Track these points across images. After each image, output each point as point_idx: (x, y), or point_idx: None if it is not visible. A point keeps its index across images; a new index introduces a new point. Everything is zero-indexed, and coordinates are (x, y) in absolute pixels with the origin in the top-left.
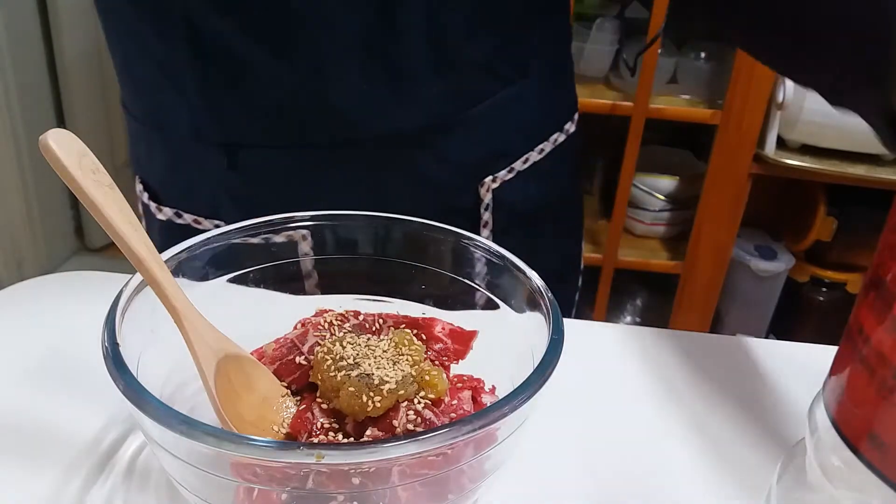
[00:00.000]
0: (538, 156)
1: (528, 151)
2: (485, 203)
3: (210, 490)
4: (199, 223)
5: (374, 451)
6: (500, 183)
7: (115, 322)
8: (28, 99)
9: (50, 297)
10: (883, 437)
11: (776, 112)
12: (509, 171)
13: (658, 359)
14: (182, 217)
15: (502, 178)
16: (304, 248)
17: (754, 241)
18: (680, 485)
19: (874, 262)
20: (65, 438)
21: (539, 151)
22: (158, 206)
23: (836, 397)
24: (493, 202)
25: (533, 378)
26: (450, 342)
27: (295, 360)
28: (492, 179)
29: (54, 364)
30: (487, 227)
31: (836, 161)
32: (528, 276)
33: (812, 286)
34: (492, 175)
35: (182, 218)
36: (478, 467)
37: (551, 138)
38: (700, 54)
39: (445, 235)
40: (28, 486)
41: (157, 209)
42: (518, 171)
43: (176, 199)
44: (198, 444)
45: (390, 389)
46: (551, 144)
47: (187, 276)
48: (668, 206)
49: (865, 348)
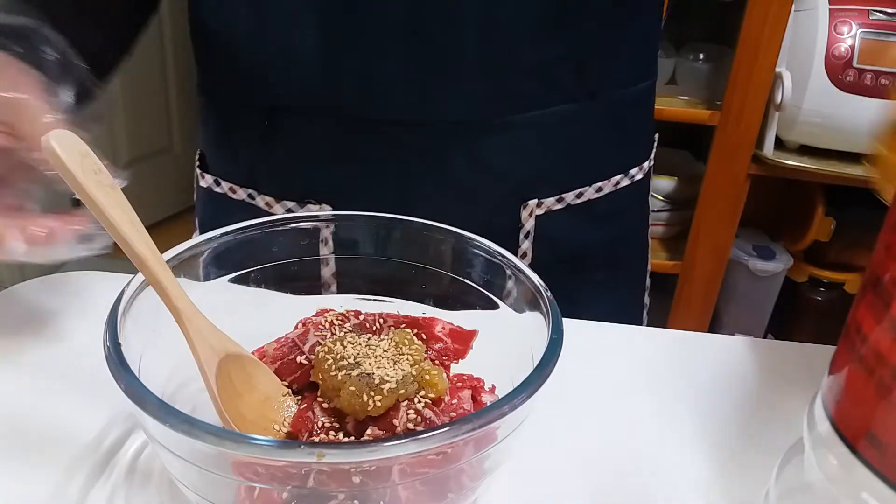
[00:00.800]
0: (595, 194)
1: (584, 186)
2: (525, 229)
3: (211, 489)
4: (234, 191)
5: (375, 450)
6: (545, 211)
7: (117, 322)
8: None
9: (52, 297)
10: (881, 436)
11: (774, 113)
12: (558, 201)
13: (657, 358)
14: (220, 185)
15: (549, 207)
16: (306, 248)
17: (753, 241)
18: (679, 484)
19: (872, 261)
20: (66, 438)
21: (597, 190)
22: (202, 173)
23: (834, 397)
24: (535, 232)
25: (532, 377)
26: (450, 342)
27: (296, 360)
28: (536, 204)
29: (56, 364)
30: (526, 258)
31: (834, 161)
32: (527, 276)
33: (810, 286)
34: (537, 199)
35: (220, 186)
36: (477, 466)
37: (613, 179)
38: (699, 55)
39: (445, 235)
40: (29, 486)
41: (201, 176)
42: (570, 204)
43: (219, 166)
44: (199, 443)
45: (391, 389)
46: (612, 186)
47: (189, 276)
48: (666, 206)
49: (863, 348)
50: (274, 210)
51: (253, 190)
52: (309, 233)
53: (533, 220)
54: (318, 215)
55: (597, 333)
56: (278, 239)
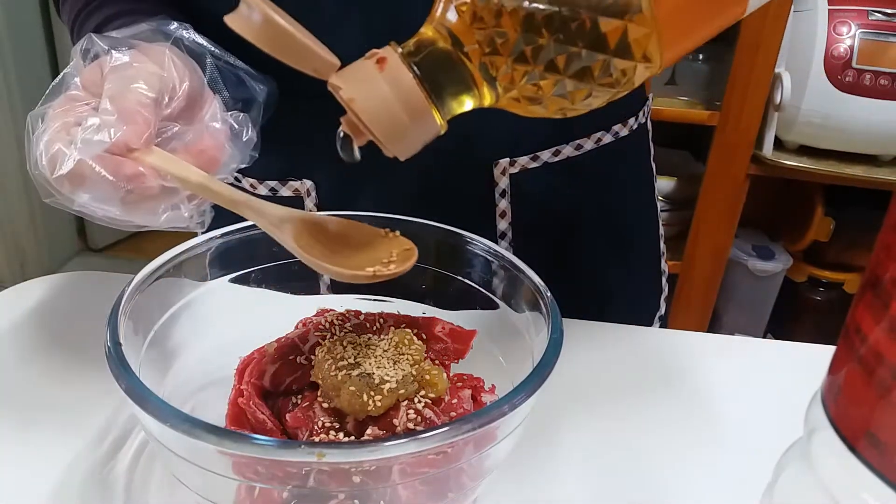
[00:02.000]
0: (575, 151)
1: (561, 144)
2: (500, 188)
3: (212, 488)
4: None
5: (375, 450)
6: (520, 169)
7: (118, 322)
8: (30, 100)
9: (52, 296)
10: (881, 436)
11: (774, 113)
12: (533, 160)
13: (657, 358)
14: None
15: (524, 165)
16: None
17: (752, 241)
18: (678, 484)
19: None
20: (67, 437)
21: (576, 147)
22: None
23: (833, 397)
24: (511, 190)
25: (532, 377)
26: (450, 342)
27: (296, 360)
28: (509, 163)
29: (56, 363)
30: (506, 217)
31: (834, 162)
32: (528, 276)
33: (810, 286)
34: (508, 158)
35: None
36: (477, 466)
37: (594, 136)
38: (698, 56)
39: (445, 236)
40: (30, 486)
41: None
42: (546, 162)
43: None
44: (199, 442)
45: (391, 389)
46: (593, 143)
47: (189, 277)
48: (666, 206)
49: (863, 348)
50: (258, 190)
51: (238, 173)
52: None
53: (507, 179)
54: None
55: (597, 333)
56: None
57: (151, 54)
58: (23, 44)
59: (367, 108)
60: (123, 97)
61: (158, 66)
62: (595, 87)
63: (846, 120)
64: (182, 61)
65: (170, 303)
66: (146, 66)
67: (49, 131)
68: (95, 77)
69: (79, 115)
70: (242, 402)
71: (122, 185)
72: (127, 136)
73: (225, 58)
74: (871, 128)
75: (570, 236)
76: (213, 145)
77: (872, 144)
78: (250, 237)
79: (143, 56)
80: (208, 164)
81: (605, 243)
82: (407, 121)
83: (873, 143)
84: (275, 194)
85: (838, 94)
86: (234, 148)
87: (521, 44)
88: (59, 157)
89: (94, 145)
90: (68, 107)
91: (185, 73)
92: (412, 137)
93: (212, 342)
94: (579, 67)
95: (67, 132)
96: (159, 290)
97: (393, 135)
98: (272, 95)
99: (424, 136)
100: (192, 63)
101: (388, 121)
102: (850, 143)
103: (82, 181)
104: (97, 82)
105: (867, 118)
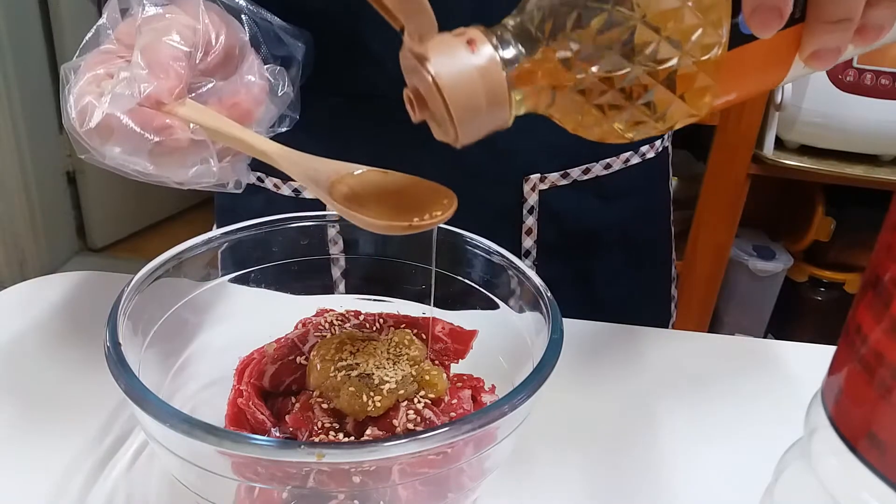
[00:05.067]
0: (604, 170)
1: (592, 162)
2: (528, 204)
3: (211, 489)
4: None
5: (375, 451)
6: (549, 186)
7: (117, 322)
8: (30, 100)
9: (52, 296)
10: (881, 436)
11: (774, 113)
12: (563, 177)
13: (656, 358)
14: None
15: (554, 182)
16: (307, 248)
17: (753, 241)
18: (678, 484)
19: (872, 261)
20: (66, 437)
21: (605, 166)
22: None
23: (834, 397)
24: (540, 207)
25: (532, 377)
26: (450, 342)
27: (296, 360)
28: (539, 178)
29: (56, 363)
30: (532, 234)
31: (834, 161)
32: (528, 276)
33: (810, 286)
34: (539, 174)
35: None
36: (477, 466)
37: (622, 156)
38: None
39: (445, 236)
40: (30, 485)
41: None
42: (576, 180)
43: None
44: (199, 442)
45: (390, 389)
46: (622, 163)
47: (189, 277)
48: None
49: (863, 348)
50: (282, 191)
51: (262, 173)
52: (311, 232)
53: (536, 195)
54: (318, 215)
55: (597, 333)
56: (278, 239)
57: (186, 7)
58: (23, 44)
59: (451, 84)
60: (156, 50)
61: (192, 19)
62: (651, 124)
63: (847, 120)
64: (218, 15)
65: (169, 303)
66: (179, 18)
67: (80, 84)
68: (130, 29)
69: (110, 68)
70: (242, 402)
71: (150, 136)
72: (157, 90)
73: (261, 14)
74: (872, 127)
75: (593, 257)
76: (247, 98)
77: (873, 144)
78: (250, 237)
79: (177, 8)
80: (242, 116)
81: (625, 264)
82: (484, 106)
83: (874, 143)
84: (297, 195)
85: (839, 94)
86: (270, 102)
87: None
88: (88, 110)
89: (124, 100)
90: (101, 59)
91: (222, 27)
92: (481, 124)
93: (211, 342)
94: (645, 101)
95: (98, 85)
96: (159, 290)
97: (467, 117)
98: (310, 53)
99: (490, 126)
100: (229, 17)
101: (466, 102)
102: (851, 142)
103: (110, 134)
104: (131, 34)
105: (868, 118)
